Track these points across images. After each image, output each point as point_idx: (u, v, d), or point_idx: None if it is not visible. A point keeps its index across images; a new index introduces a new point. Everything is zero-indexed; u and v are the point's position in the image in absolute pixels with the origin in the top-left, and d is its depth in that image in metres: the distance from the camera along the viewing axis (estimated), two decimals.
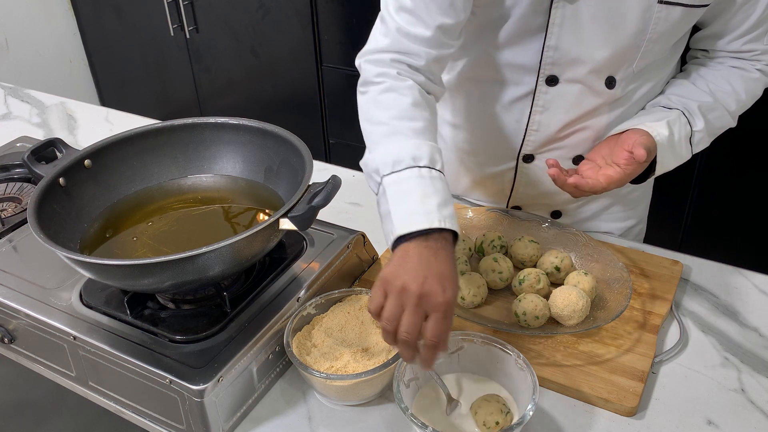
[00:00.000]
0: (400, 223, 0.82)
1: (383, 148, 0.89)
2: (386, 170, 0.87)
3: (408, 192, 0.84)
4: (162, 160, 1.08)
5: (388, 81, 0.94)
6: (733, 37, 1.02)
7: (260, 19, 2.50)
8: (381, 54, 0.97)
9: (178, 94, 2.95)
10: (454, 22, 0.96)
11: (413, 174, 0.85)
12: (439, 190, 0.85)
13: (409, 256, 0.79)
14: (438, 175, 0.87)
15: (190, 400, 0.82)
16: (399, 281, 0.77)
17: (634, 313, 0.99)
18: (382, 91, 0.94)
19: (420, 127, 0.90)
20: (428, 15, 0.94)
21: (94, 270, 0.84)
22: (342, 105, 2.53)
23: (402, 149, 0.87)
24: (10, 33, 2.82)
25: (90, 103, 1.81)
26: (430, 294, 0.75)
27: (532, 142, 1.12)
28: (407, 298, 0.76)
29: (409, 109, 0.91)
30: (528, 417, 0.77)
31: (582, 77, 1.02)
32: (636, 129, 1.00)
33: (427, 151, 0.87)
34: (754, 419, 0.85)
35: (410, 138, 0.88)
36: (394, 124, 0.90)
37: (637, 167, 0.98)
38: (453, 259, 0.80)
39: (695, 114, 1.03)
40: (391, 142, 0.89)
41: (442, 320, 0.76)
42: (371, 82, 0.96)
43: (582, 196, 1.00)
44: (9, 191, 1.24)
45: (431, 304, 0.76)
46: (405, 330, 0.76)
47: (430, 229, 0.80)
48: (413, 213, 0.82)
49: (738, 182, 1.98)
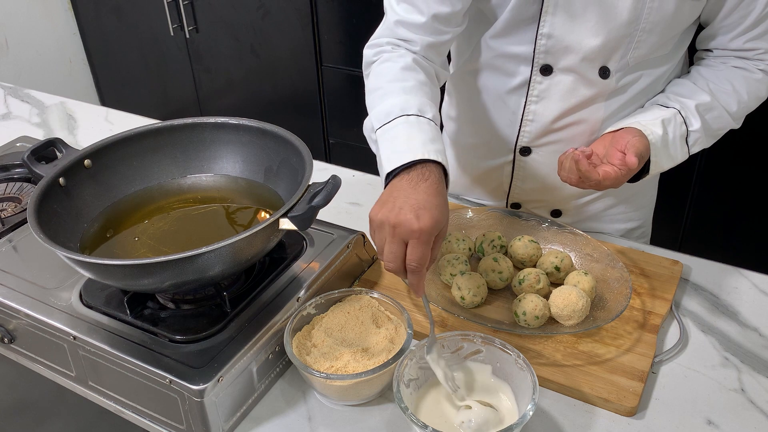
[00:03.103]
0: (387, 162, 0.89)
1: (377, 107, 0.96)
2: (378, 124, 0.95)
3: (395, 136, 0.91)
4: (162, 160, 1.08)
5: (384, 55, 1.04)
6: (735, 34, 1.02)
7: (260, 19, 2.50)
8: (378, 39, 1.06)
9: (178, 94, 2.95)
10: (450, 11, 1.01)
11: (401, 121, 0.92)
12: (425, 131, 0.91)
13: (390, 191, 0.86)
14: (426, 121, 0.93)
15: (190, 400, 0.82)
16: (377, 217, 0.83)
17: (634, 313, 0.99)
18: (379, 63, 1.03)
19: (410, 86, 0.97)
20: (424, 3, 1.00)
21: (94, 270, 0.84)
22: (342, 105, 2.54)
23: (392, 104, 0.94)
24: (10, 33, 2.82)
25: (90, 103, 1.81)
26: (402, 223, 0.80)
27: (528, 133, 1.13)
28: (385, 231, 0.82)
29: (399, 72, 0.98)
30: (528, 417, 0.77)
31: (575, 66, 1.03)
32: (630, 128, 1.01)
33: (416, 103, 0.94)
34: (754, 419, 0.85)
35: (400, 95, 0.95)
36: (387, 87, 0.98)
37: (632, 169, 0.98)
38: (437, 190, 0.85)
39: (692, 114, 1.03)
40: (383, 101, 0.97)
41: (416, 246, 0.80)
42: (370, 62, 1.05)
43: (579, 183, 0.99)
44: (9, 191, 1.24)
45: (405, 232, 0.81)
46: (386, 259, 0.83)
47: (413, 161, 0.86)
48: (398, 152, 0.88)
49: (738, 182, 1.98)
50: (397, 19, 1.03)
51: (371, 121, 0.97)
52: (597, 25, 0.98)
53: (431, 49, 1.03)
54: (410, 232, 0.80)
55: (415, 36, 1.02)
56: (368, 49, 1.07)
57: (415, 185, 0.84)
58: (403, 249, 0.82)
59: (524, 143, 1.15)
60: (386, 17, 1.06)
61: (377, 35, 1.07)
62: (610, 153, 0.99)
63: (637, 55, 1.01)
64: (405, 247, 0.82)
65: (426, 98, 0.96)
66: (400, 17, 1.02)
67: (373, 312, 0.94)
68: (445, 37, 1.03)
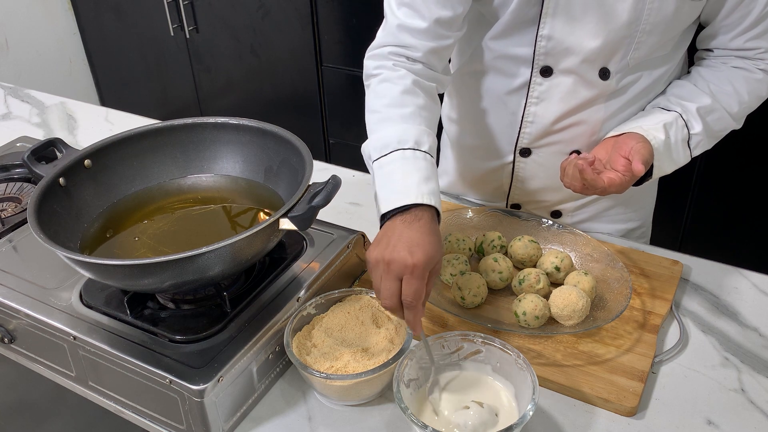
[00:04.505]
0: (383, 203, 0.90)
1: (375, 135, 0.96)
2: (375, 155, 0.94)
3: (391, 173, 0.91)
4: (162, 160, 1.08)
5: (384, 72, 1.01)
6: (736, 33, 1.02)
7: (260, 19, 2.50)
8: (380, 48, 1.04)
9: (178, 94, 2.95)
10: (452, 15, 1.00)
11: (397, 156, 0.92)
12: (420, 168, 0.91)
13: (385, 231, 0.87)
14: (422, 155, 0.92)
15: (190, 400, 0.82)
16: (374, 255, 0.84)
17: (634, 313, 0.99)
18: (379, 82, 1.01)
19: (408, 113, 0.96)
20: (426, 8, 0.99)
21: (94, 270, 0.84)
22: (342, 105, 2.53)
23: (389, 135, 0.94)
24: (10, 33, 2.82)
25: (90, 103, 1.81)
26: (396, 260, 0.82)
27: (528, 134, 1.13)
28: (380, 269, 0.83)
29: (398, 97, 0.97)
30: (528, 417, 0.77)
31: (575, 67, 1.03)
32: (632, 133, 1.00)
33: (414, 134, 0.93)
34: (754, 419, 0.85)
35: (398, 124, 0.95)
36: (385, 112, 0.97)
37: (637, 176, 0.98)
38: (430, 229, 0.86)
39: (693, 117, 1.03)
40: (381, 128, 0.96)
41: (411, 281, 0.82)
42: (371, 75, 1.03)
43: (583, 190, 0.99)
44: (9, 191, 1.24)
45: (399, 268, 0.82)
46: (383, 296, 0.83)
47: (408, 205, 0.87)
48: (394, 192, 0.89)
49: (738, 182, 1.97)
50: (398, 24, 1.01)
51: (368, 149, 0.97)
52: (597, 27, 0.98)
53: (433, 55, 1.02)
54: (404, 267, 0.81)
55: (417, 42, 1.00)
56: (369, 60, 1.04)
57: (409, 225, 0.86)
58: (398, 285, 0.83)
59: (524, 144, 1.15)
60: (387, 21, 1.04)
61: (378, 42, 1.04)
62: (613, 159, 0.99)
63: (637, 55, 1.01)
64: (400, 284, 0.83)
65: (424, 126, 0.96)
66: (401, 22, 1.01)
67: (373, 312, 0.94)
68: (447, 41, 1.02)
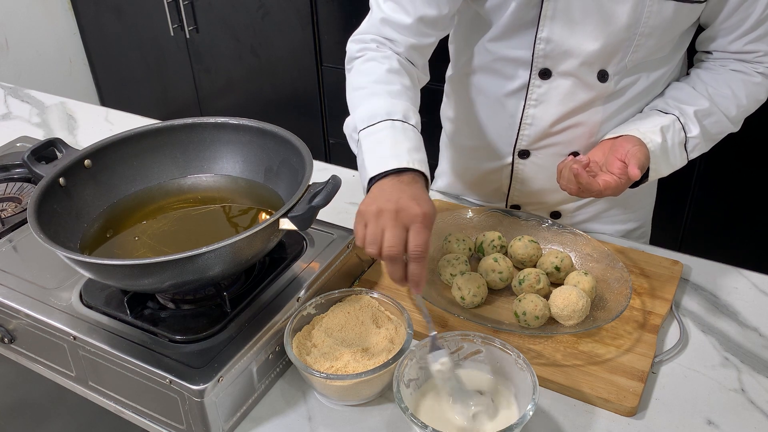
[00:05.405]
0: (373, 166, 0.89)
1: (361, 108, 0.96)
2: (362, 125, 0.95)
3: (380, 140, 0.91)
4: (162, 160, 1.08)
5: (369, 53, 1.03)
6: (735, 36, 1.02)
7: (260, 19, 2.50)
8: (363, 35, 1.06)
9: (178, 94, 2.95)
10: (436, 14, 1.01)
11: (386, 125, 0.93)
12: (410, 138, 0.92)
13: (382, 188, 0.86)
14: (410, 128, 0.94)
15: (190, 400, 0.82)
16: (374, 206, 0.83)
17: (634, 313, 0.99)
18: (364, 61, 1.03)
19: (396, 90, 0.97)
20: (411, 5, 1.01)
21: (94, 270, 0.84)
22: (342, 105, 2.50)
23: (377, 107, 0.95)
24: (10, 33, 2.82)
25: (90, 103, 1.81)
26: (405, 208, 0.82)
27: (526, 136, 1.13)
28: (385, 217, 0.83)
29: (385, 75, 0.99)
30: (528, 417, 0.77)
31: (574, 70, 1.03)
32: (629, 136, 1.00)
33: (402, 108, 0.95)
34: (754, 419, 0.85)
35: (386, 98, 0.96)
36: (372, 87, 0.98)
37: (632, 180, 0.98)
38: (426, 193, 0.86)
39: (691, 120, 1.03)
40: (368, 102, 0.97)
41: (421, 230, 0.81)
42: (354, 57, 1.06)
43: (579, 193, 0.99)
44: (9, 191, 1.24)
45: (409, 215, 0.81)
46: (388, 244, 0.81)
47: (400, 168, 0.87)
48: (384, 157, 0.89)
49: (738, 182, 1.97)
50: (382, 17, 1.03)
51: (354, 120, 0.98)
52: (596, 30, 0.98)
53: (414, 51, 1.04)
54: (414, 215, 0.81)
55: (400, 36, 1.02)
56: (352, 44, 1.07)
57: (408, 184, 0.87)
58: (404, 234, 0.82)
59: (523, 146, 1.15)
60: (371, 13, 1.06)
61: (362, 30, 1.07)
62: (609, 161, 0.99)
63: (635, 58, 1.01)
64: (406, 234, 0.82)
65: (410, 104, 0.97)
66: (385, 15, 1.02)
67: (373, 312, 0.94)
68: (429, 39, 1.04)
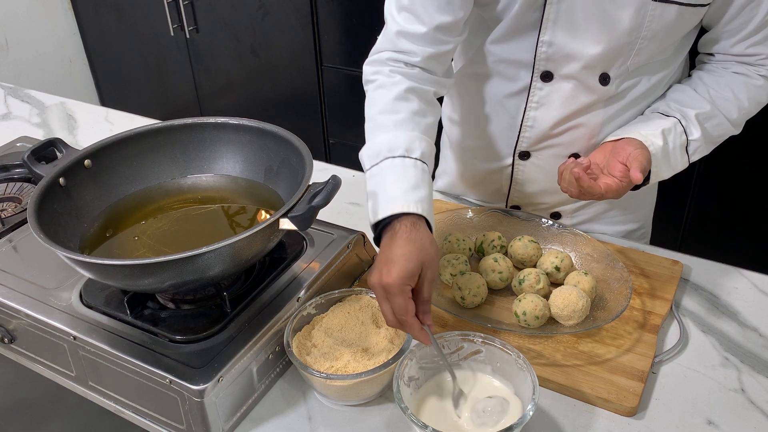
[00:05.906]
0: (371, 214, 0.89)
1: (369, 143, 0.96)
2: (367, 164, 0.94)
3: (381, 183, 0.91)
4: (162, 160, 1.08)
5: (380, 78, 1.01)
6: (737, 39, 1.02)
7: (260, 19, 2.50)
8: (378, 54, 1.03)
9: (178, 94, 2.95)
10: (452, 20, 0.99)
11: (387, 165, 0.92)
12: (409, 177, 0.90)
13: (380, 248, 0.87)
14: (412, 162, 0.92)
15: (190, 400, 0.82)
16: (368, 282, 0.85)
17: (634, 313, 0.99)
18: (374, 89, 1.01)
19: (400, 119, 0.95)
20: (426, 13, 0.98)
21: (94, 270, 0.84)
22: (342, 105, 2.53)
23: (380, 143, 0.94)
24: (10, 33, 2.82)
25: (90, 103, 1.81)
26: (374, 284, 0.83)
27: (527, 138, 1.13)
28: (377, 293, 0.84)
29: (391, 103, 0.97)
30: (528, 417, 0.77)
31: (576, 73, 1.03)
32: (631, 139, 1.00)
33: (404, 141, 0.93)
34: (754, 419, 0.85)
35: (390, 131, 0.94)
36: (378, 119, 0.97)
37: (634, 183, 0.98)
38: (408, 237, 0.84)
39: (692, 123, 1.03)
40: (374, 136, 0.96)
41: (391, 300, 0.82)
42: (368, 81, 1.03)
43: (580, 196, 0.99)
44: (9, 191, 1.24)
45: (378, 290, 0.83)
46: (387, 321, 0.84)
47: (392, 216, 0.86)
48: (382, 202, 0.88)
49: (738, 182, 1.97)
50: (398, 30, 1.00)
51: (363, 158, 0.97)
52: (598, 34, 0.97)
53: (433, 60, 1.01)
54: (381, 289, 0.82)
55: (416, 47, 1.00)
56: (367, 66, 1.04)
57: (390, 240, 0.85)
58: (389, 305, 0.83)
59: (523, 148, 1.15)
60: (387, 27, 1.03)
61: (377, 48, 1.04)
62: (611, 164, 0.99)
63: (637, 61, 1.01)
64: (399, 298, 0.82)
65: (417, 131, 0.95)
66: (401, 27, 1.00)
67: (373, 312, 0.94)
68: (447, 47, 1.01)
